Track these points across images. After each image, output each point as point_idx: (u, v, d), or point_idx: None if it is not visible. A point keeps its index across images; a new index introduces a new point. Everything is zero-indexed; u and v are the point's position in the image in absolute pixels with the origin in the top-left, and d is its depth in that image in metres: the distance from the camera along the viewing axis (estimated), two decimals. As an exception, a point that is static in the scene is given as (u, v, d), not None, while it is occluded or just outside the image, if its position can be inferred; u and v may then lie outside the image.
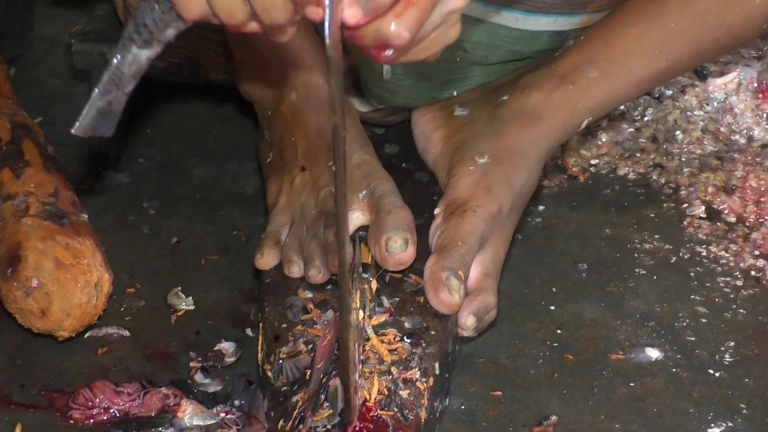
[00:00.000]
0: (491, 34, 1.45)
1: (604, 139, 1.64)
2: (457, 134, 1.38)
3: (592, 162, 1.61)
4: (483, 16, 1.42)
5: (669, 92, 1.68)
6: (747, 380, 1.25)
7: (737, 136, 1.65)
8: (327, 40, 0.82)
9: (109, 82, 0.89)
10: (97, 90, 0.89)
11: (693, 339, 1.31)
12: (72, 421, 1.17)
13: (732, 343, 1.30)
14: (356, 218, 1.29)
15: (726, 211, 1.52)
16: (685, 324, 1.33)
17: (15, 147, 1.39)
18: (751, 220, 1.50)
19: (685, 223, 1.50)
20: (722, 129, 1.66)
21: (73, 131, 0.90)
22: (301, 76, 1.38)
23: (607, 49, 1.38)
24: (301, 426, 1.08)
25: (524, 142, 1.35)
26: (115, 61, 0.88)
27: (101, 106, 0.90)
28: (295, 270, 1.26)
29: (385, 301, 1.21)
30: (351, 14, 0.85)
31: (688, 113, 1.67)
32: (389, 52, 0.88)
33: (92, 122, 0.90)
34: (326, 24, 0.81)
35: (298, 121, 1.36)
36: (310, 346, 1.16)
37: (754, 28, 1.38)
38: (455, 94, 1.45)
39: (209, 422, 1.16)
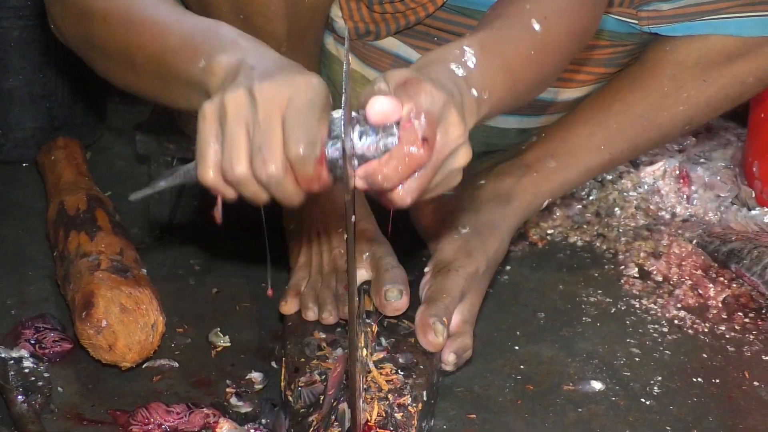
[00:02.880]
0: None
1: (558, 214, 1.63)
2: (444, 209, 1.37)
3: (549, 231, 1.60)
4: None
5: (609, 177, 1.68)
6: (671, 407, 1.24)
7: (663, 213, 1.65)
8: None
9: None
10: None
11: (628, 374, 1.29)
12: (131, 435, 1.16)
13: (659, 378, 1.29)
14: (361, 275, 1.29)
15: (655, 272, 1.51)
16: (622, 362, 1.32)
17: (90, 215, 1.41)
18: (674, 279, 1.50)
19: (622, 281, 1.49)
20: (651, 207, 1.66)
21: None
22: None
23: (564, 144, 1.39)
24: (315, 441, 1.07)
25: (497, 217, 1.36)
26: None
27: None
28: (311, 315, 1.26)
29: (384, 341, 1.21)
30: (360, 184, 0.87)
31: (624, 194, 1.67)
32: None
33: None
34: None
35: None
36: (323, 377, 1.15)
37: (678, 128, 1.40)
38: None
39: (242, 437, 1.15)
